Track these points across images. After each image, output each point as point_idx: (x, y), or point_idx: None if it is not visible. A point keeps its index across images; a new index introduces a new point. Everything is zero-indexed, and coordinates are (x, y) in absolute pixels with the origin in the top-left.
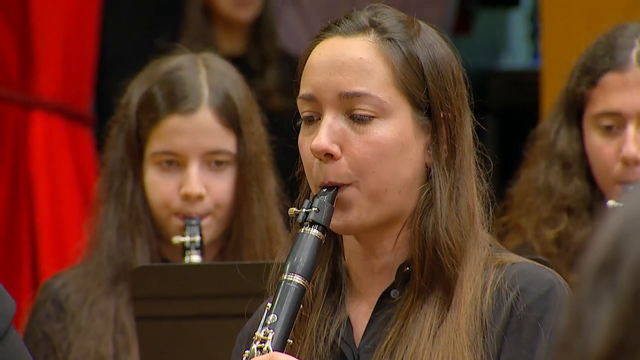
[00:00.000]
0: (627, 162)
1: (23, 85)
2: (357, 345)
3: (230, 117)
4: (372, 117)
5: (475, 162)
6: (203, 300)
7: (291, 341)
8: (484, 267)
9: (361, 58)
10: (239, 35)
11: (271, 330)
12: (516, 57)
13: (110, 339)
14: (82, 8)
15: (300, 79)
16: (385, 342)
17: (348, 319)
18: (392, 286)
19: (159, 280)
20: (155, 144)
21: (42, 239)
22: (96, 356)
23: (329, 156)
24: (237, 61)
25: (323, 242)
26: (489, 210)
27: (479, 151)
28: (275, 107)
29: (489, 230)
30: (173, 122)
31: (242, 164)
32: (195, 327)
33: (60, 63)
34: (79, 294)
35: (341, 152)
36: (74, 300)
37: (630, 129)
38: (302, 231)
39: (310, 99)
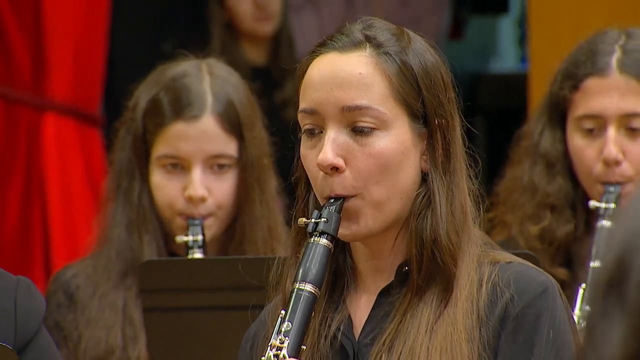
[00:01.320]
0: (608, 163)
1: (36, 88)
2: (357, 339)
3: (232, 123)
4: (374, 128)
5: (465, 162)
6: (207, 293)
7: (304, 347)
8: (478, 263)
9: (360, 73)
10: (262, 47)
11: (286, 338)
12: (505, 61)
13: (119, 330)
14: (92, 14)
15: (298, 93)
16: (384, 337)
17: (349, 314)
18: (390, 285)
19: (165, 273)
20: (161, 148)
21: (54, 234)
22: (106, 346)
23: (334, 169)
24: (261, 72)
25: (332, 250)
26: (479, 208)
27: (467, 151)
28: (292, 118)
29: (479, 227)
30: (178, 128)
31: (244, 167)
32: (199, 318)
33: (72, 67)
34: (89, 285)
35: (345, 164)
36: (84, 291)
37: (611, 131)
38: (312, 241)
39: (313, 113)
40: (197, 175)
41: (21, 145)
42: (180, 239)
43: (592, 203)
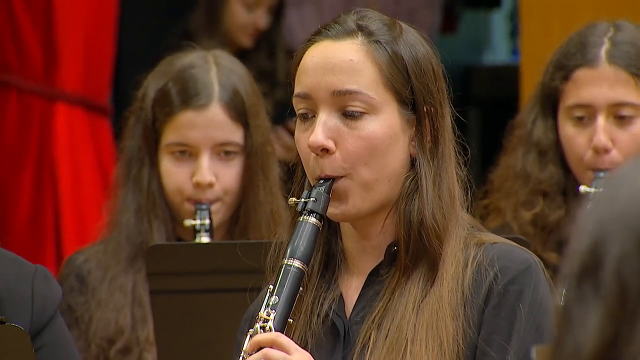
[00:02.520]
0: (598, 151)
1: (47, 79)
2: (348, 318)
3: (238, 111)
4: (363, 113)
5: (455, 149)
6: (211, 276)
7: (291, 320)
8: (464, 245)
9: (351, 59)
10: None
11: (273, 311)
12: (497, 53)
13: (128, 312)
14: (101, 8)
15: (294, 79)
16: (373, 315)
17: (340, 294)
18: (380, 265)
19: (172, 257)
20: (170, 136)
21: (65, 221)
22: (115, 327)
23: (324, 151)
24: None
25: (320, 229)
26: (467, 193)
27: (457, 139)
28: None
29: (468, 211)
30: (186, 116)
31: (249, 154)
32: (203, 300)
33: (82, 58)
34: (100, 269)
35: (335, 146)
36: (95, 275)
37: (600, 120)
38: (301, 219)
39: (306, 97)
40: (205, 161)
41: (33, 134)
42: (189, 222)
43: (583, 188)
